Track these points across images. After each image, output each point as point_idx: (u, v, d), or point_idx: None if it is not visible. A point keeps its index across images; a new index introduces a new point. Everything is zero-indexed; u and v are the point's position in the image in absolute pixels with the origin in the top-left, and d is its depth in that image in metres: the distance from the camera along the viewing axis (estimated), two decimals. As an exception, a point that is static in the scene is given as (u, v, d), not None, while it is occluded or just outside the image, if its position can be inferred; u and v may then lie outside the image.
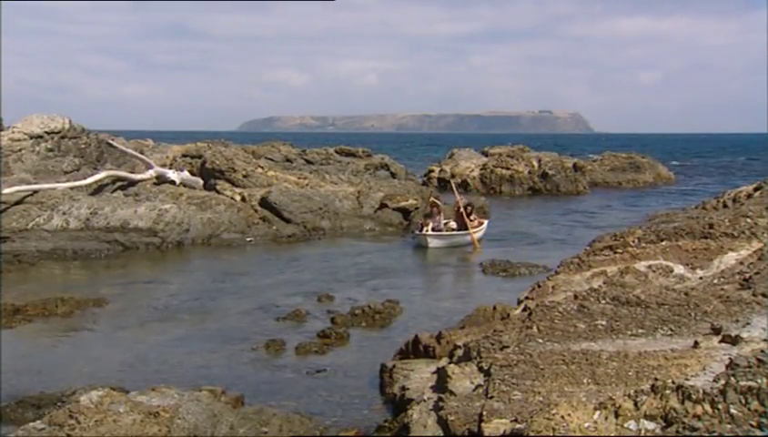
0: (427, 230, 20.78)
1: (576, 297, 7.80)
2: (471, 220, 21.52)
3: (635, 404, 3.92)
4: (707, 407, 3.67)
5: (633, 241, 10.50)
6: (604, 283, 8.71)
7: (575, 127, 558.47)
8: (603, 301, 7.41)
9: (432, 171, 42.46)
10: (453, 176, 38.38)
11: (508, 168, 39.70)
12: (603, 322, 6.90)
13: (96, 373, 9.71)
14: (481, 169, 40.31)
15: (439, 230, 21.17)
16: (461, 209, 21.65)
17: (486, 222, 22.87)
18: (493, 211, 28.79)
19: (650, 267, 9.14)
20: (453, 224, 21.69)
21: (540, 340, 6.61)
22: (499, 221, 27.09)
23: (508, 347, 6.52)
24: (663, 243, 10.16)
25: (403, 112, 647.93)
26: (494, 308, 10.50)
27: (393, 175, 35.61)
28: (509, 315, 8.69)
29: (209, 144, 34.91)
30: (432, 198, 23.58)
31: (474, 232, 21.21)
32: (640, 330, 6.69)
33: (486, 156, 43.93)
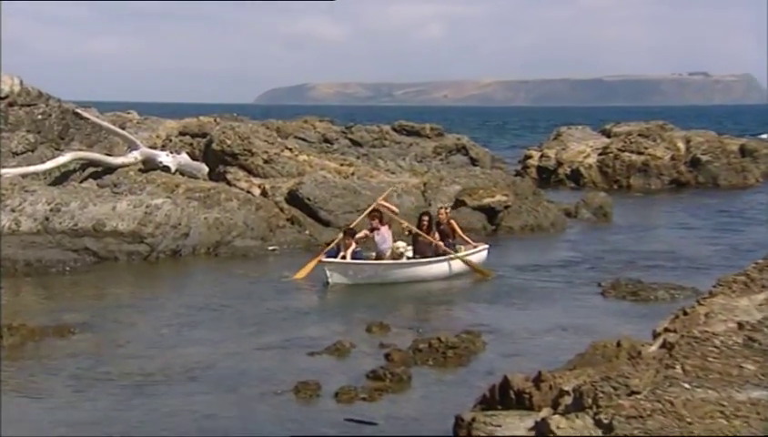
0: (344, 256, 18.27)
1: (742, 327, 7.70)
2: (446, 240, 19.19)
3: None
4: None
5: (830, 252, 10.28)
6: (786, 309, 8.57)
7: (745, 95, 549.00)
8: (784, 334, 7.30)
9: (530, 157, 42.34)
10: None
11: (640, 153, 39.35)
12: (785, 363, 6.79)
13: (55, 428, 9.87)
14: (601, 154, 40.04)
15: (378, 257, 18.82)
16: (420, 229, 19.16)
17: (485, 247, 20.37)
18: (617, 212, 28.57)
19: None
20: (402, 247, 18.90)
21: (687, 385, 6.55)
22: (625, 226, 26.77)
23: (638, 392, 6.47)
24: None
25: (488, 77, 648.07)
26: (618, 343, 10.40)
27: (474, 161, 35.60)
28: (640, 353, 8.61)
29: (217, 118, 35.38)
30: (380, 202, 20.21)
31: (446, 259, 18.98)
32: (843, 376, 6.56)
33: (608, 136, 43.68)
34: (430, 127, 39.03)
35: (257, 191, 24.33)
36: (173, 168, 24.70)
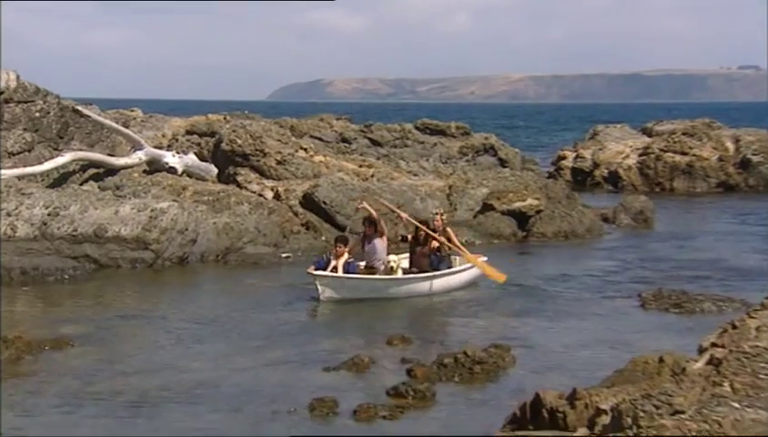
0: (335, 267, 17.73)
1: (797, 341, 7.68)
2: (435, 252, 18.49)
3: None
4: None
5: None
6: None
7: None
8: None
9: (564, 158, 42.34)
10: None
11: (684, 154, 39.29)
12: None
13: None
14: (641, 155, 40.01)
15: (367, 267, 18.28)
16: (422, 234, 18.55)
17: (482, 259, 19.45)
18: (659, 218, 28.53)
19: None
20: (393, 261, 18.47)
21: (737, 404, 6.52)
22: (667, 233, 26.71)
23: (683, 412, 6.42)
24: None
25: (518, 72, 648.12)
26: (661, 359, 10.34)
27: (503, 162, 35.58)
28: (684, 369, 8.57)
29: (227, 116, 35.59)
30: (369, 208, 19.21)
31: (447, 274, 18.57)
32: None
33: (649, 135, 43.66)
34: (455, 125, 39.07)
35: (269, 194, 24.37)
36: (180, 170, 24.81)
